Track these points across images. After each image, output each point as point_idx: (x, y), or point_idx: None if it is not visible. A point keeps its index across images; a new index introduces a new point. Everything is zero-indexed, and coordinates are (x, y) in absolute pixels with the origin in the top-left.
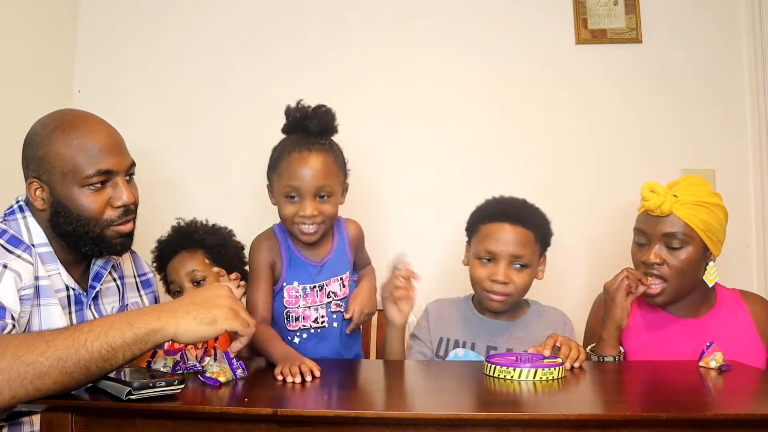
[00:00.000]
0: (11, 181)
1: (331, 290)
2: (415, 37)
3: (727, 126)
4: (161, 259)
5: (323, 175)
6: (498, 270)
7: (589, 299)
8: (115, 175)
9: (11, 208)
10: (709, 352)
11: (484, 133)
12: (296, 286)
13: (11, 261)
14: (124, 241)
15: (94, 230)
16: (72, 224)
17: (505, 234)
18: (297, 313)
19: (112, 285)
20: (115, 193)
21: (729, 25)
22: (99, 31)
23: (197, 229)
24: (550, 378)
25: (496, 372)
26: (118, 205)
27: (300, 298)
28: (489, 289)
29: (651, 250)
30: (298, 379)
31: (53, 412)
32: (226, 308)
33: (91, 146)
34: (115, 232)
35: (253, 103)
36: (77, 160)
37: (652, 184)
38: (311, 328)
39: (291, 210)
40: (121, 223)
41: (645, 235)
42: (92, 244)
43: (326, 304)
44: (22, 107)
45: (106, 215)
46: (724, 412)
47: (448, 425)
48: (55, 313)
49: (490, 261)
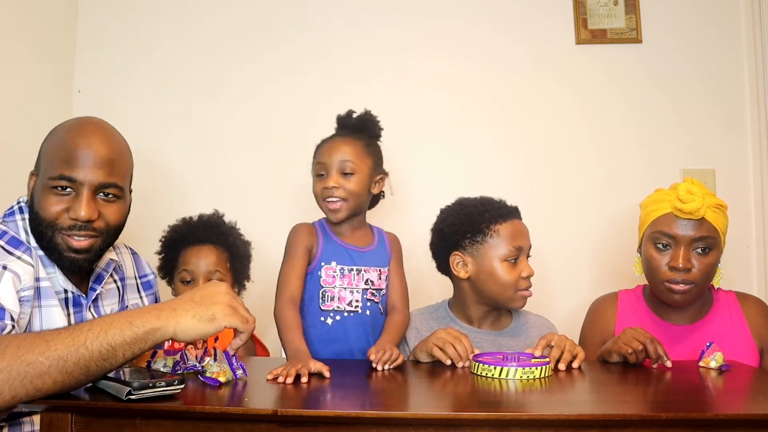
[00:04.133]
0: (11, 181)
1: (369, 278)
2: (414, 37)
3: (727, 126)
4: (181, 241)
5: (347, 153)
6: (526, 265)
7: (586, 299)
8: (79, 185)
9: (11, 209)
10: (709, 353)
11: (483, 133)
12: (334, 266)
13: (11, 262)
14: (76, 257)
15: (47, 232)
16: (33, 222)
17: (524, 229)
18: (333, 293)
19: (113, 287)
20: (73, 205)
21: (729, 26)
22: (99, 31)
23: (231, 232)
24: (531, 377)
25: (480, 370)
26: (70, 216)
27: (337, 278)
28: (523, 288)
29: (680, 254)
30: (289, 380)
31: (53, 412)
32: (225, 305)
33: (70, 149)
34: (65, 243)
35: (253, 103)
36: (52, 158)
37: (688, 186)
38: (345, 311)
39: (319, 186)
40: (70, 235)
41: (672, 238)
42: (48, 250)
43: (363, 290)
44: (22, 107)
45: (60, 221)
46: (724, 412)
47: (448, 425)
48: (56, 314)
49: (517, 259)
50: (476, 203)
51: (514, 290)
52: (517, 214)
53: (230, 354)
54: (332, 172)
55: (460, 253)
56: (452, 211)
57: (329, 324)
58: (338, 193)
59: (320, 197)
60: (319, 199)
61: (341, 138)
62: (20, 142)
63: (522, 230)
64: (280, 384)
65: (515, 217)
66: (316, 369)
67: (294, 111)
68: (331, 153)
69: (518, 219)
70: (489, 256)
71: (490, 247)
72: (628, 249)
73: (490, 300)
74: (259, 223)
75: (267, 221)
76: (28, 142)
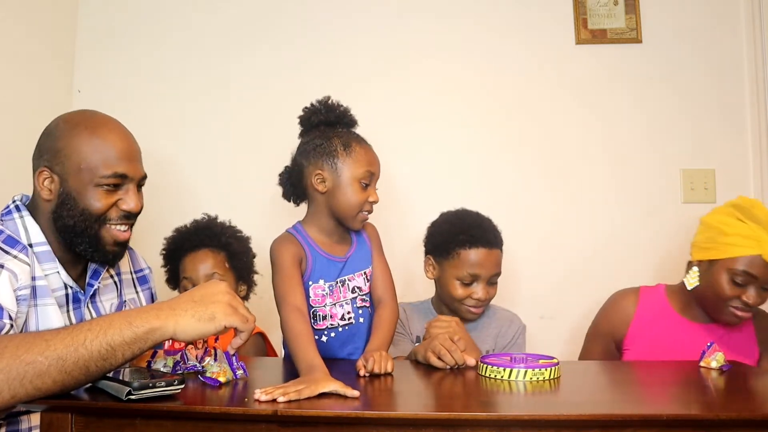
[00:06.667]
0: (11, 180)
1: (356, 285)
2: (414, 37)
3: (727, 126)
4: (178, 250)
5: (379, 167)
6: (479, 289)
7: (586, 298)
8: (129, 181)
9: (7, 208)
10: (710, 353)
11: (483, 133)
12: (322, 284)
13: (7, 261)
14: (118, 250)
15: (94, 227)
16: (74, 218)
17: (486, 258)
18: (324, 311)
19: (110, 282)
20: (125, 197)
21: (729, 26)
22: (99, 31)
23: (224, 231)
24: (541, 378)
25: (488, 372)
26: (123, 209)
27: (326, 296)
28: (469, 305)
29: (757, 294)
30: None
31: (53, 412)
32: (225, 304)
33: (112, 149)
34: (112, 237)
35: (253, 102)
36: (96, 158)
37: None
38: (339, 326)
39: (363, 197)
40: (119, 223)
41: (753, 278)
42: (87, 244)
43: (351, 299)
44: (22, 107)
45: (109, 213)
46: (725, 412)
47: (448, 425)
48: (52, 313)
49: (470, 283)
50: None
51: (459, 305)
52: (491, 244)
53: (230, 354)
54: (374, 185)
55: (429, 260)
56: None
57: (325, 341)
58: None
59: (359, 208)
60: (356, 210)
61: (489, 250)
62: (20, 142)
63: (487, 261)
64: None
65: (486, 246)
66: (335, 391)
67: (294, 111)
68: (377, 164)
69: (488, 249)
70: (448, 272)
71: (450, 264)
72: (627, 246)
73: None
74: (258, 224)
75: (267, 221)
76: (29, 142)
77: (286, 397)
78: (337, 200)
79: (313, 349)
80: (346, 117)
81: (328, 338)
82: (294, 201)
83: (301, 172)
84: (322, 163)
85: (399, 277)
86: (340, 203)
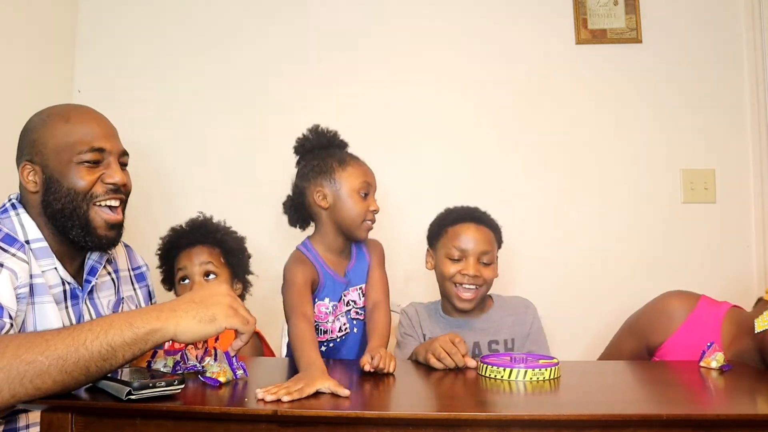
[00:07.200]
0: (11, 180)
1: (351, 299)
2: (414, 37)
3: (727, 126)
4: (173, 248)
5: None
6: (469, 265)
7: (587, 298)
8: (108, 155)
9: (4, 207)
10: (710, 352)
11: (482, 133)
12: (327, 303)
13: (7, 260)
14: (111, 235)
15: (82, 206)
16: (61, 201)
17: (473, 233)
18: (325, 327)
19: (108, 279)
20: (108, 171)
21: (728, 26)
22: (99, 31)
23: (219, 229)
24: (541, 378)
25: (488, 372)
26: (108, 182)
27: (329, 314)
28: (460, 282)
29: None
30: (287, 398)
31: (53, 412)
32: (225, 306)
33: (87, 127)
34: (102, 219)
35: (253, 102)
36: (72, 138)
37: None
38: (336, 338)
39: (365, 206)
40: (107, 199)
41: None
42: (79, 228)
43: (346, 312)
44: (22, 107)
45: (95, 189)
46: (725, 412)
47: (448, 425)
48: (50, 311)
49: (460, 260)
50: (447, 210)
51: (450, 285)
52: (477, 220)
53: (231, 355)
54: (373, 195)
55: (429, 252)
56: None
57: (323, 350)
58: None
59: (361, 217)
60: (357, 218)
61: (476, 226)
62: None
63: (473, 235)
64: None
65: (472, 222)
66: (328, 389)
67: (294, 112)
68: (372, 175)
69: (475, 224)
70: (439, 253)
71: (441, 244)
72: (627, 245)
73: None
74: (257, 223)
75: (265, 221)
76: None
77: (289, 397)
78: (340, 213)
79: (314, 350)
80: (336, 140)
81: (327, 348)
82: (300, 226)
83: (303, 194)
84: (321, 180)
85: (399, 279)
86: (344, 215)
